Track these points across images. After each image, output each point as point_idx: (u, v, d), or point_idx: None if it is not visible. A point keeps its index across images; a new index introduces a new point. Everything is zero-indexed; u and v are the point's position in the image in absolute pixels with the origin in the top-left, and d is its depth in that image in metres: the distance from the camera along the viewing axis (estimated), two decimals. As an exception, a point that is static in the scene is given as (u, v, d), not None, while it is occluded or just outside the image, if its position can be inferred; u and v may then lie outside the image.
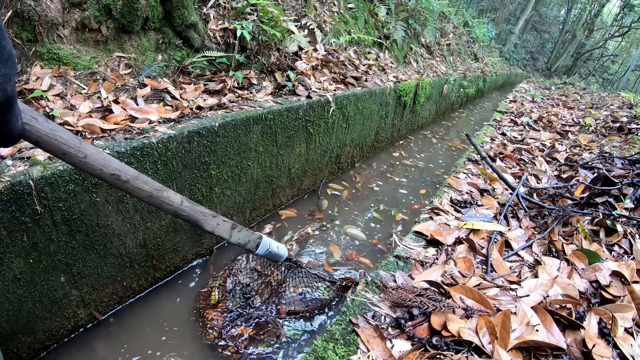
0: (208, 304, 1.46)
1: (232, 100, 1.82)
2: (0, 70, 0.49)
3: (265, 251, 1.26)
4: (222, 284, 1.54)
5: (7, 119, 0.54)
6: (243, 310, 1.44)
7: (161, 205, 0.95)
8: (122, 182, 0.85)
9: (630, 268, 1.26)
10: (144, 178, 0.90)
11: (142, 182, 0.89)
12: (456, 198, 1.77)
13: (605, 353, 0.92)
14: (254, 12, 2.16)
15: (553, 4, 19.57)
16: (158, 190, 0.93)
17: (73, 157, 0.75)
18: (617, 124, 3.87)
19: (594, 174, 2.14)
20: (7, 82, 0.50)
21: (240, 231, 1.18)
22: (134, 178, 0.88)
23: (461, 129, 4.88)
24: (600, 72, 21.34)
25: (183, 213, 1.00)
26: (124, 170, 0.86)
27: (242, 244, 1.20)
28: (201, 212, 1.05)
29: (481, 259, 1.33)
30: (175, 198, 0.98)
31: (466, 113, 6.24)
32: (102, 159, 0.81)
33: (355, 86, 2.74)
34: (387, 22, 4.12)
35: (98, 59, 1.59)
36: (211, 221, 1.08)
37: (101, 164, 0.81)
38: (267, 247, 1.27)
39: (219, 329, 1.35)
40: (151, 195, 0.92)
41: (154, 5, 1.70)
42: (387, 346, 0.91)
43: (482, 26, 9.03)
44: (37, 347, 1.19)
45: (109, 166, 0.82)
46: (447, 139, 4.36)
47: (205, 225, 1.07)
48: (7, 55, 0.49)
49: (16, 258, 1.04)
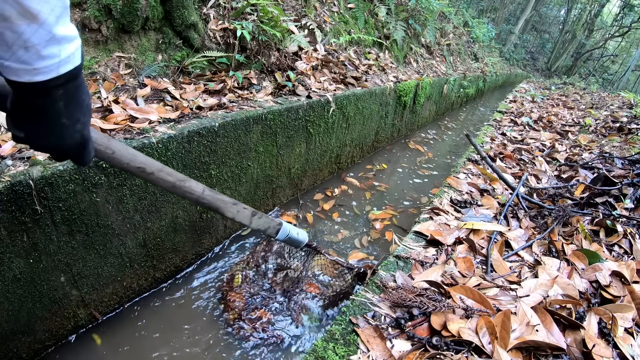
0: (231, 286, 1.55)
1: (232, 100, 1.82)
2: (81, 120, 0.60)
3: (285, 237, 1.31)
4: (245, 268, 1.63)
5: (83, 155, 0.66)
6: (264, 294, 1.53)
7: (184, 194, 1.00)
8: (147, 174, 0.91)
9: (630, 268, 1.26)
10: (167, 170, 0.96)
11: (166, 173, 0.95)
12: (456, 198, 1.77)
13: (605, 353, 0.92)
14: (254, 12, 2.16)
15: (553, 4, 19.57)
16: (181, 180, 0.99)
17: (103, 153, 0.81)
18: (617, 124, 3.87)
19: (594, 174, 2.14)
20: (84, 128, 0.62)
21: (260, 218, 1.22)
22: (159, 170, 0.93)
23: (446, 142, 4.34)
24: (600, 72, 21.33)
25: (204, 201, 1.05)
26: (149, 163, 0.91)
27: (262, 230, 1.25)
28: (222, 200, 1.10)
29: (481, 259, 1.33)
30: (197, 187, 1.03)
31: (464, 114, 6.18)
32: (129, 154, 0.86)
33: (355, 86, 2.74)
34: (387, 22, 4.12)
35: (98, 59, 1.59)
36: (232, 208, 1.12)
37: (128, 159, 0.86)
38: (287, 232, 1.31)
39: (240, 310, 1.45)
40: (174, 186, 0.97)
41: (154, 5, 1.70)
42: (387, 346, 0.91)
43: (482, 26, 9.03)
44: (37, 347, 1.19)
45: (135, 160, 0.87)
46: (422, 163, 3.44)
47: (226, 212, 1.11)
48: (85, 108, 0.60)
49: (16, 258, 1.04)
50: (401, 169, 3.19)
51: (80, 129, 0.61)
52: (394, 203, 2.56)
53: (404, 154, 3.59)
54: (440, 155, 3.74)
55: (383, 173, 3.05)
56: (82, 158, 0.66)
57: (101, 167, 1.16)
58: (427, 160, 3.55)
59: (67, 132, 0.59)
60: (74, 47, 0.52)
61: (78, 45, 0.53)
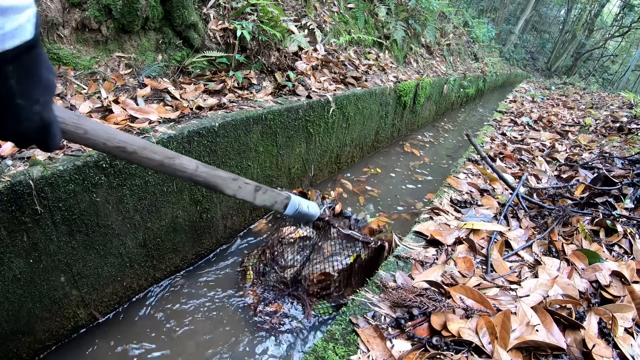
0: (244, 282, 1.56)
1: (232, 100, 1.82)
2: (40, 100, 0.53)
3: (294, 211, 1.21)
4: (256, 263, 1.62)
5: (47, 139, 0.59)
6: (276, 287, 1.53)
7: (174, 172, 0.92)
8: (129, 153, 0.81)
9: (630, 268, 1.25)
10: (153, 147, 0.86)
11: (151, 151, 0.85)
12: (456, 198, 1.77)
13: (605, 353, 0.92)
14: (254, 12, 2.16)
15: (553, 4, 19.57)
16: (169, 157, 0.89)
17: (73, 134, 0.72)
18: (617, 124, 3.87)
19: (594, 174, 2.14)
20: (44, 108, 0.55)
21: (265, 192, 1.13)
22: (142, 148, 0.83)
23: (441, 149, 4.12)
24: (600, 72, 21.33)
25: (199, 179, 0.96)
26: (130, 141, 0.81)
27: (268, 206, 1.15)
28: (220, 177, 1.01)
29: (481, 259, 1.33)
30: (190, 164, 0.94)
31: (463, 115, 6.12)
32: (105, 132, 0.77)
33: (355, 86, 2.74)
34: (387, 22, 4.12)
35: (98, 59, 1.59)
36: (232, 184, 1.03)
37: (104, 138, 0.77)
38: (297, 206, 1.21)
39: (255, 305, 1.47)
40: (162, 164, 0.88)
41: (154, 5, 1.70)
42: (387, 346, 0.91)
43: (482, 26, 9.03)
44: (37, 347, 1.19)
45: (113, 139, 0.78)
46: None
47: (226, 189, 1.02)
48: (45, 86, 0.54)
49: (16, 258, 1.04)
50: (394, 174, 3.13)
51: (39, 110, 0.54)
52: (387, 209, 2.49)
53: (398, 157, 3.52)
54: (436, 159, 3.63)
55: (376, 177, 2.99)
56: (46, 143, 0.59)
57: (101, 167, 1.16)
58: (422, 165, 3.43)
59: (24, 114, 0.52)
60: (23, 17, 0.45)
61: (30, 15, 0.46)
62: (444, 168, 3.42)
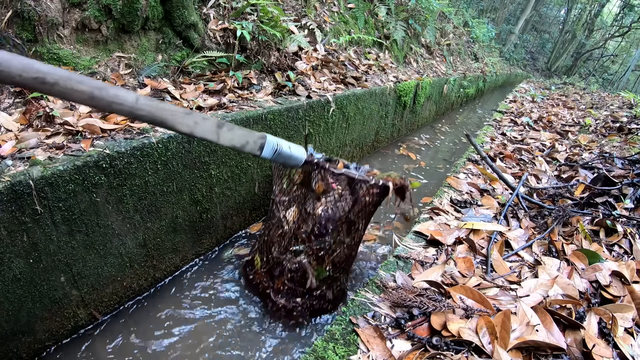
0: (254, 270, 1.55)
1: (232, 100, 1.82)
2: None
3: (272, 153, 1.03)
4: (259, 249, 1.58)
5: None
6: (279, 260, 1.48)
7: (110, 106, 0.80)
8: (50, 85, 0.72)
9: (630, 268, 1.26)
10: (78, 77, 0.76)
11: (76, 81, 0.75)
12: (456, 198, 1.77)
13: (605, 353, 0.92)
14: (254, 12, 2.16)
15: (553, 4, 19.57)
16: (100, 88, 0.78)
17: None
18: (617, 124, 3.87)
19: (594, 174, 2.14)
20: None
21: (231, 130, 0.95)
22: (65, 79, 0.74)
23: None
24: (600, 72, 21.32)
25: (142, 113, 0.84)
26: (50, 71, 0.73)
27: (238, 147, 0.98)
28: (168, 110, 0.87)
29: (481, 259, 1.33)
30: (128, 96, 0.82)
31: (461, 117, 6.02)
32: (20, 62, 0.69)
33: (355, 86, 2.74)
34: (387, 22, 4.12)
35: (98, 59, 1.59)
36: (184, 120, 0.88)
37: (19, 69, 0.69)
38: (275, 147, 1.03)
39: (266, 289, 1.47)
40: (92, 96, 0.77)
41: (154, 5, 1.70)
42: (387, 346, 0.91)
43: (482, 26, 9.03)
44: (37, 347, 1.19)
45: (29, 69, 0.70)
46: None
47: (177, 125, 0.88)
48: None
49: (16, 258, 1.04)
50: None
51: None
52: (377, 217, 2.31)
53: (394, 159, 3.41)
54: (433, 163, 3.48)
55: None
56: None
57: (101, 167, 1.16)
58: (417, 169, 3.27)
59: None
60: None
61: None
62: (440, 172, 3.26)
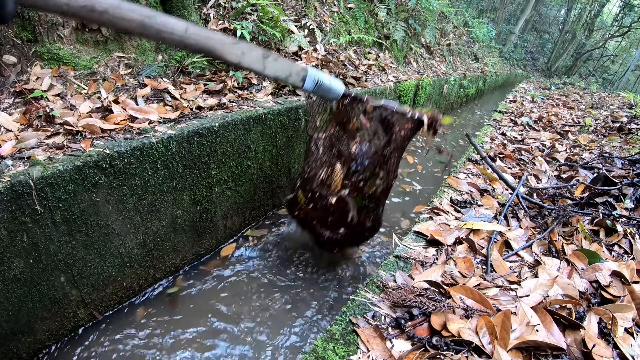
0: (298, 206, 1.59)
1: (232, 100, 1.82)
2: None
3: (313, 85, 1.04)
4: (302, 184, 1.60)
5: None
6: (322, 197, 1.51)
7: (159, 34, 0.78)
8: (99, 13, 0.70)
9: (630, 268, 1.25)
10: (128, 5, 0.73)
11: (128, 10, 0.73)
12: (456, 198, 1.77)
13: (605, 353, 0.92)
14: (254, 12, 2.16)
15: (553, 4, 19.56)
16: (149, 17, 0.75)
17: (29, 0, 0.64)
18: (617, 124, 3.87)
19: (594, 174, 2.14)
20: None
21: (276, 60, 0.95)
22: (114, 7, 0.71)
23: None
24: (600, 72, 21.32)
25: (190, 42, 0.83)
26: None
27: (282, 78, 0.98)
28: (217, 40, 0.86)
29: (481, 259, 1.33)
30: (178, 25, 0.79)
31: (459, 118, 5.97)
32: None
33: (355, 86, 2.74)
34: (387, 22, 4.12)
35: (98, 59, 1.59)
36: (232, 49, 0.87)
37: None
38: (316, 79, 1.03)
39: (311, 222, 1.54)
40: (143, 24, 0.75)
41: (154, 5, 1.70)
42: (387, 346, 0.91)
43: (482, 26, 9.03)
44: (37, 347, 1.19)
45: None
46: None
47: (226, 54, 0.87)
48: None
49: (16, 258, 1.04)
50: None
51: None
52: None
53: None
54: (430, 166, 3.36)
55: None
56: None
57: (101, 167, 1.16)
58: (413, 173, 3.11)
59: None
60: None
61: None
62: (437, 177, 3.10)
